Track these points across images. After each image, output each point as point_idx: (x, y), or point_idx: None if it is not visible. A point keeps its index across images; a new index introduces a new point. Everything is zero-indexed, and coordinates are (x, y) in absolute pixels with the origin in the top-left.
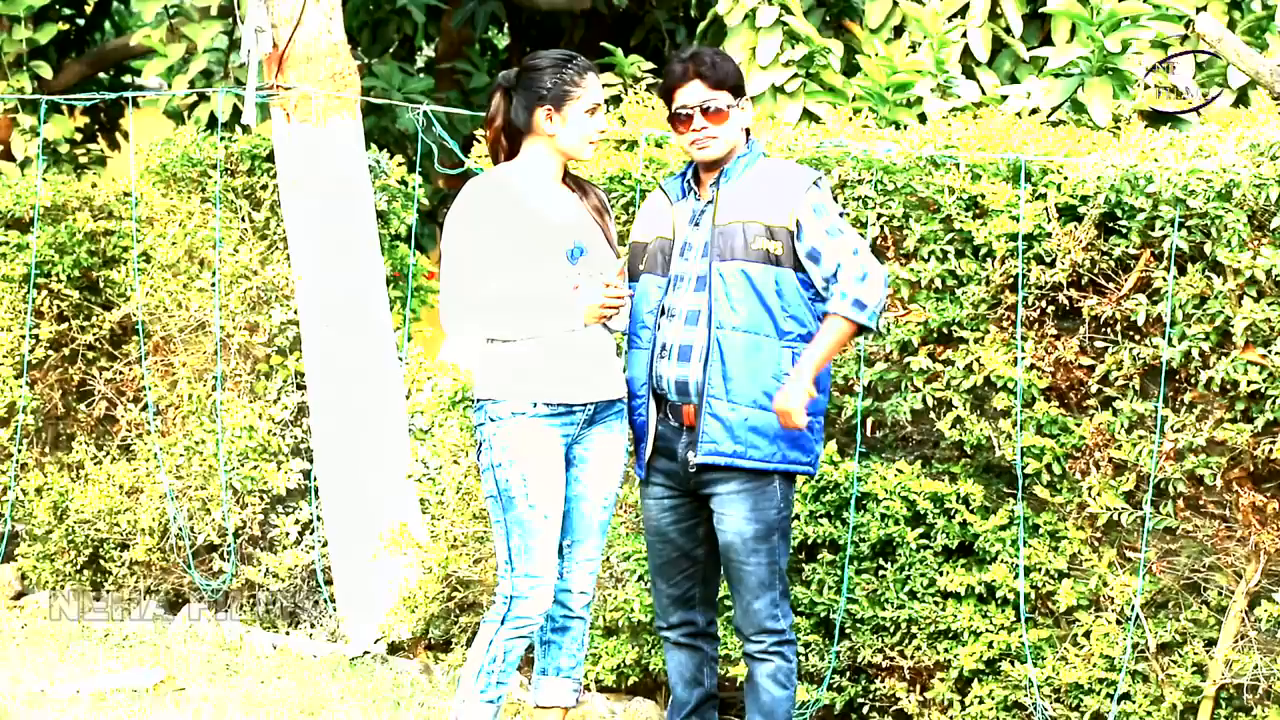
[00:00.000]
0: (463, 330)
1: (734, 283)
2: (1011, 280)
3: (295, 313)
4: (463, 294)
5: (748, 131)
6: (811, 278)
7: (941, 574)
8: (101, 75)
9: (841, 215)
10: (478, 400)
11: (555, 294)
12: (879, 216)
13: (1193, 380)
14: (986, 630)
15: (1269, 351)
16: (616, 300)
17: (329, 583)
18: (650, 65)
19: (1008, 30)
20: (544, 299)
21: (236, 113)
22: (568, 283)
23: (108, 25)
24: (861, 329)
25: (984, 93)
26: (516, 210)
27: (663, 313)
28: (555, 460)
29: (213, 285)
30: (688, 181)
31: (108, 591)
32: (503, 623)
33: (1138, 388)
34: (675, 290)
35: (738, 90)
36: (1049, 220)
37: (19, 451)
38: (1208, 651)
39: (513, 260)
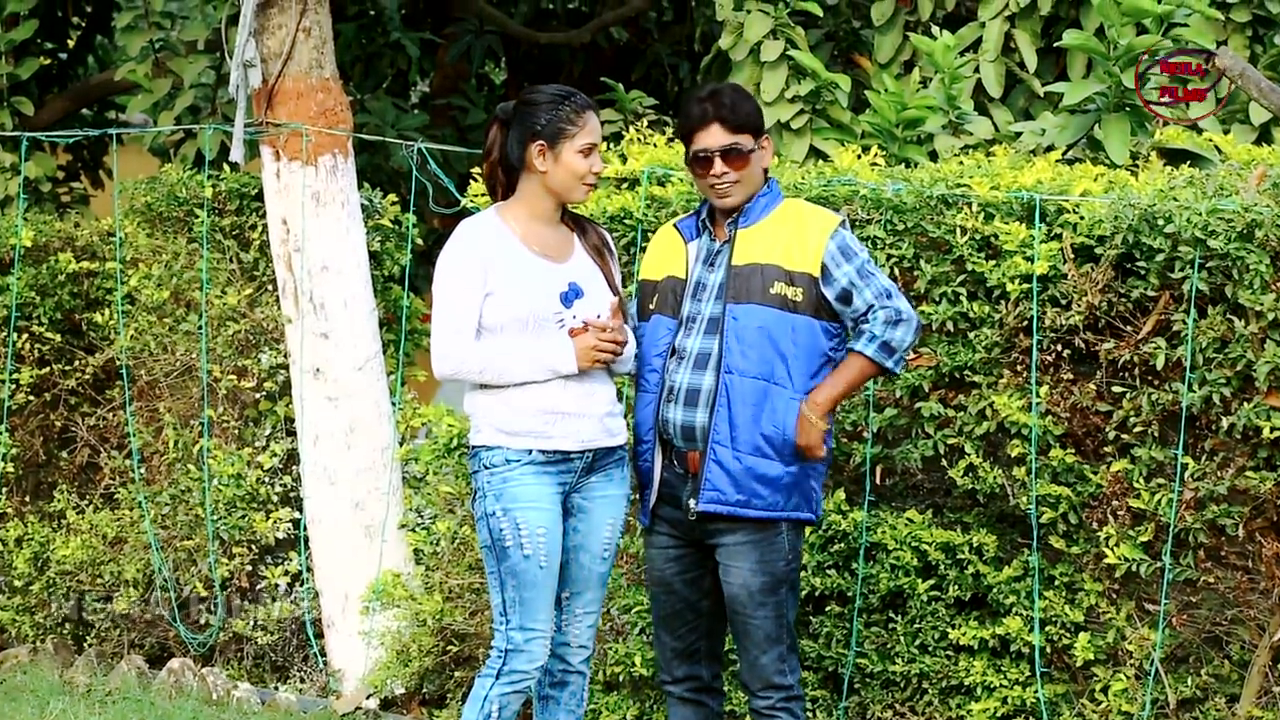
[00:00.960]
0: (454, 377)
1: (747, 326)
2: (1025, 323)
3: (285, 356)
4: (454, 339)
5: (766, 171)
6: (842, 318)
7: (953, 627)
8: (85, 111)
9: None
10: (472, 447)
11: (549, 338)
12: (889, 258)
13: (1213, 427)
14: (1000, 686)
15: None
16: (612, 345)
17: (319, 636)
18: (652, 101)
19: (1021, 65)
20: (537, 343)
21: (224, 150)
22: (562, 326)
23: (91, 60)
24: (883, 371)
25: (997, 130)
26: (509, 251)
27: (672, 354)
28: (551, 509)
29: (199, 328)
30: (702, 221)
31: (90, 645)
32: (497, 677)
33: (1157, 434)
34: (686, 332)
35: (758, 130)
36: (1064, 261)
37: None
38: (1230, 708)
39: (505, 303)
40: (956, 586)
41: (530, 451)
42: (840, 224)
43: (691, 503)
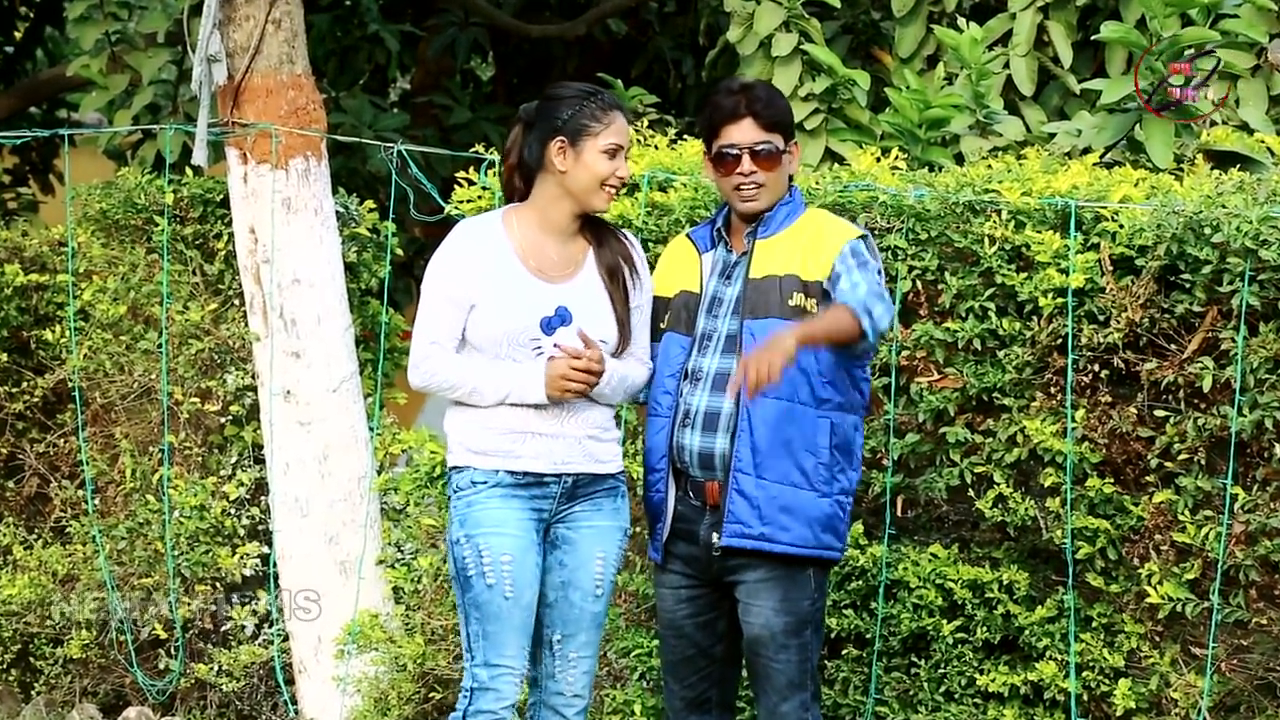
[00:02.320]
0: (425, 389)
1: None
2: (1060, 341)
3: (253, 377)
4: (428, 349)
5: (791, 179)
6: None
7: (982, 672)
8: (34, 110)
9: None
10: (447, 470)
11: (522, 363)
12: (910, 269)
13: (1265, 454)
14: None
15: None
16: (583, 376)
17: (289, 682)
18: (653, 99)
19: (1056, 60)
20: (508, 368)
21: (186, 152)
22: (539, 354)
23: (40, 53)
24: (862, 336)
25: (1029, 130)
26: (500, 262)
27: (686, 376)
28: (518, 535)
29: (159, 346)
30: (718, 230)
31: (38, 693)
32: (464, 718)
33: (1203, 462)
34: (701, 351)
35: (789, 132)
36: (1102, 274)
37: None
38: None
39: (483, 320)
40: (985, 628)
41: (497, 472)
42: (861, 235)
43: (714, 537)
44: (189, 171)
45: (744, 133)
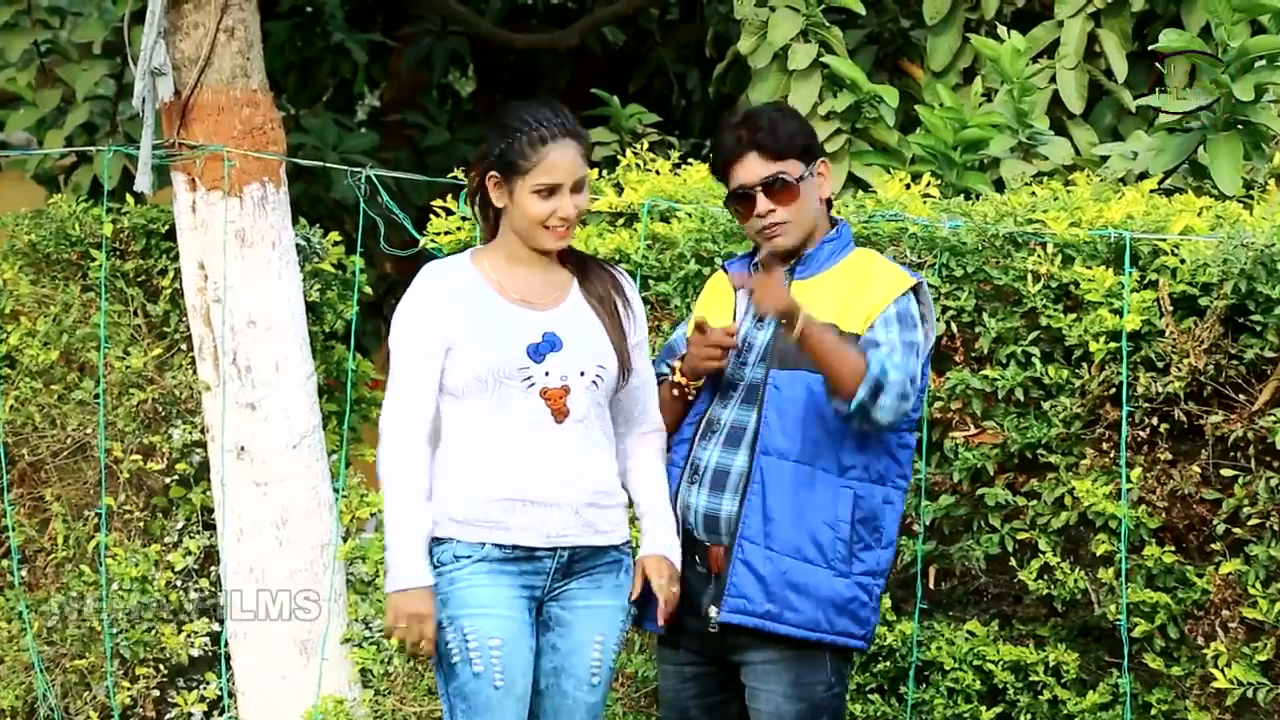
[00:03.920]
0: (406, 453)
1: (791, 397)
2: (1113, 391)
3: (202, 432)
4: (409, 408)
5: (829, 203)
6: None
7: None
8: None
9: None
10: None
11: (513, 402)
12: (944, 310)
13: None
14: None
15: None
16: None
17: None
18: (654, 117)
19: (1109, 73)
20: (419, 529)
21: (127, 177)
22: (530, 385)
23: None
24: (849, 395)
25: (1078, 153)
26: (476, 297)
27: (703, 426)
28: (509, 617)
29: (96, 397)
30: (753, 265)
31: None
32: None
33: (1276, 528)
34: (722, 400)
35: (808, 153)
36: (1161, 315)
37: None
38: None
39: (464, 360)
40: (1029, 715)
41: (483, 545)
42: (913, 288)
43: (712, 611)
44: (130, 199)
45: (750, 170)
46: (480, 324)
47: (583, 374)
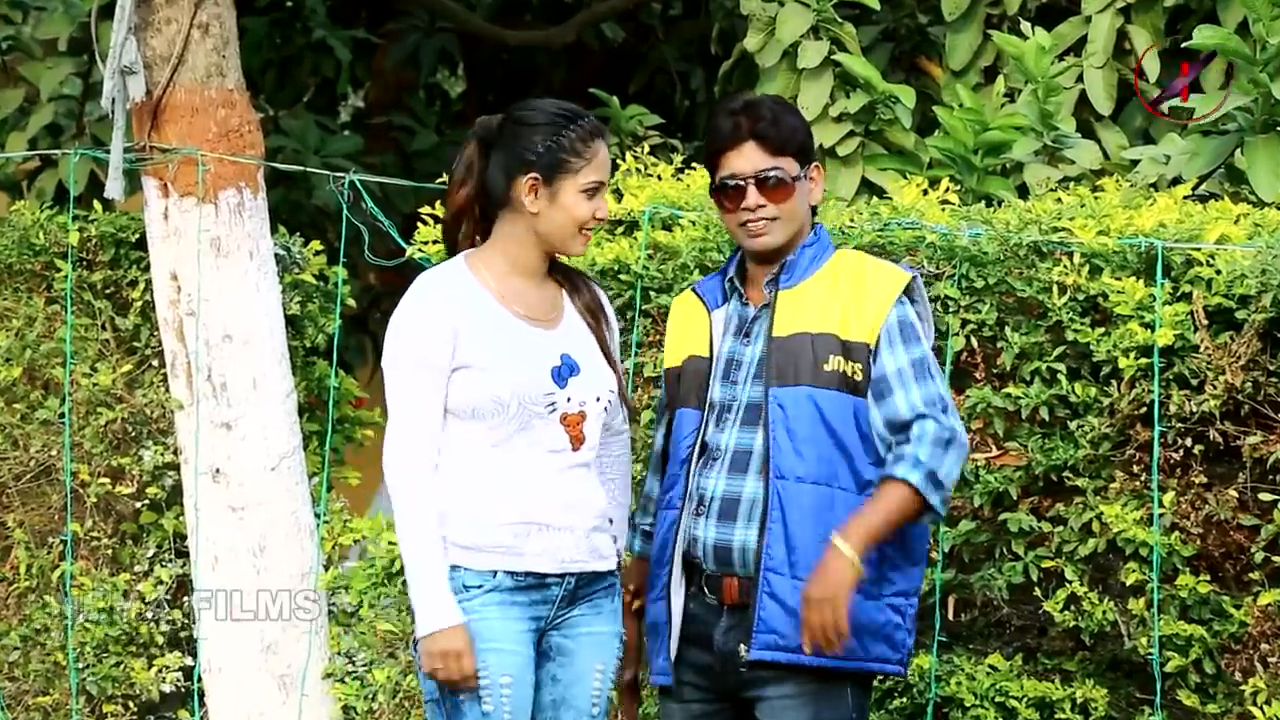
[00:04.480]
0: (419, 487)
1: (798, 415)
2: (1144, 410)
3: (174, 453)
4: (418, 436)
5: (814, 210)
6: (870, 417)
7: None
8: None
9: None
10: None
11: (536, 430)
12: (964, 324)
13: None
14: None
15: None
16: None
17: None
18: (656, 119)
19: (1140, 73)
20: (441, 572)
21: (94, 183)
22: (553, 411)
23: None
24: (925, 510)
25: (1106, 157)
26: (485, 313)
27: (700, 454)
28: (520, 652)
29: (61, 417)
30: (730, 281)
31: None
32: None
33: None
34: (718, 425)
35: (807, 155)
36: (1195, 329)
37: None
38: None
39: (481, 381)
40: None
41: (495, 574)
42: (911, 283)
43: (742, 649)
44: (98, 206)
45: (747, 159)
46: (498, 344)
47: (598, 399)
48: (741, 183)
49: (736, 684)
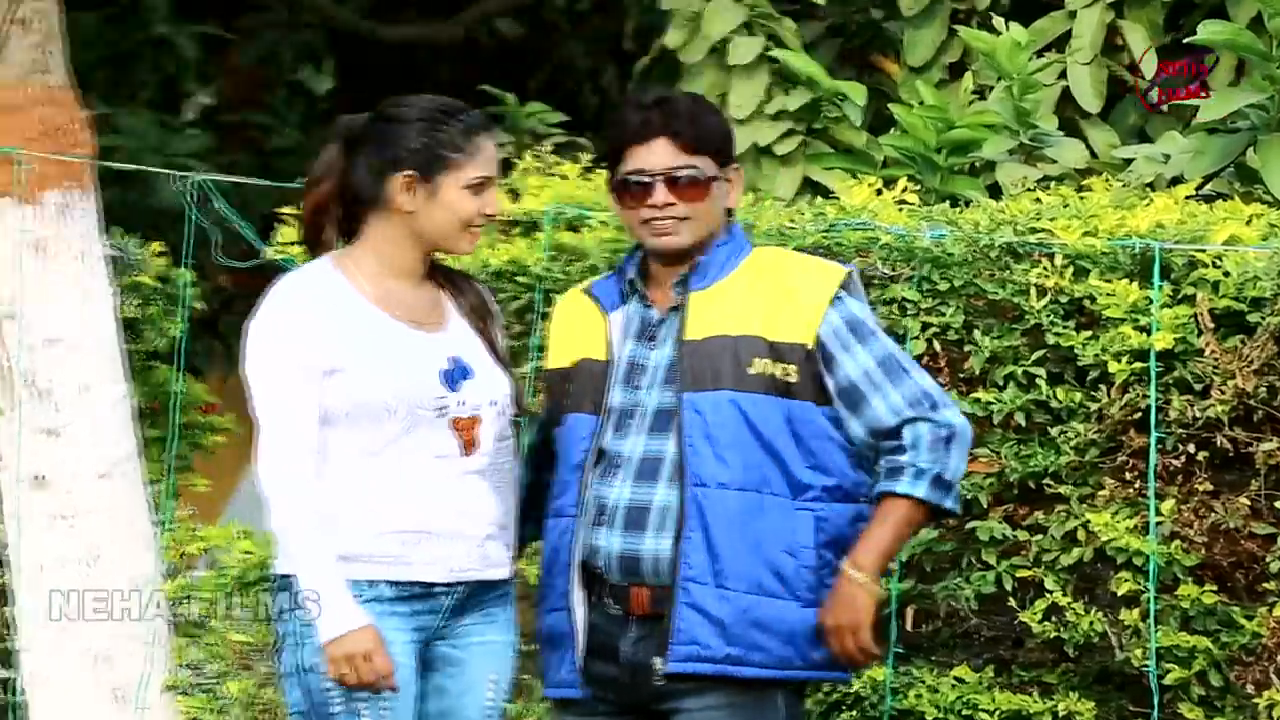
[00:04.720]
0: (300, 496)
1: (720, 421)
2: (1137, 415)
3: None
4: (294, 444)
5: (729, 213)
6: (847, 427)
7: None
8: None
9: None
10: (279, 577)
11: (424, 434)
12: (925, 327)
13: None
14: None
15: None
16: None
17: None
18: (560, 116)
19: (1133, 68)
20: (338, 573)
21: None
22: (443, 415)
23: None
24: (940, 513)
25: (1094, 156)
26: (360, 316)
27: (596, 461)
28: (401, 664)
29: None
30: (630, 283)
31: None
32: None
33: None
34: (619, 431)
35: (725, 155)
36: (1199, 332)
37: None
38: None
39: (360, 384)
40: None
41: (375, 584)
42: (846, 282)
43: (656, 661)
44: None
45: (657, 156)
46: (374, 347)
47: (493, 403)
48: (648, 179)
49: (650, 695)
